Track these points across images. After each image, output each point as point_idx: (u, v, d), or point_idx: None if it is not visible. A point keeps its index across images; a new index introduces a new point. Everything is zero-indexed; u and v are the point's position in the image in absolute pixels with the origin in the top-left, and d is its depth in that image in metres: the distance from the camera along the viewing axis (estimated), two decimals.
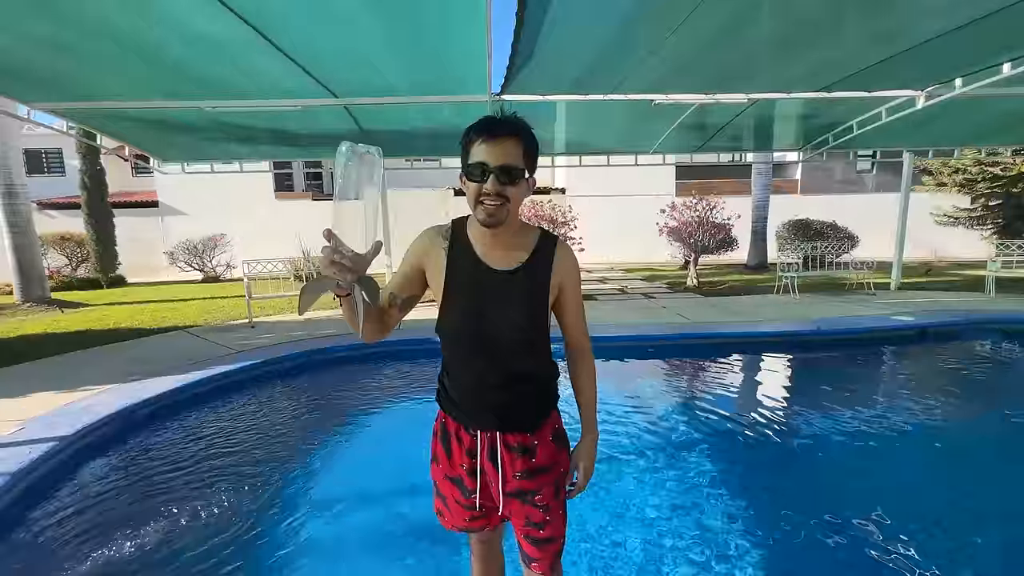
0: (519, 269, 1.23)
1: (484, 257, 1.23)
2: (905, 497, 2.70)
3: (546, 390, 1.33)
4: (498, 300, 1.21)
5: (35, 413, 3.51)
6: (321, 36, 3.43)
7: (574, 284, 1.29)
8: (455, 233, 1.27)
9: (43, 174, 18.91)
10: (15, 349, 5.59)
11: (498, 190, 1.12)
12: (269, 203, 16.01)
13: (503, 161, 1.11)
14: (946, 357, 5.33)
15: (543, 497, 1.30)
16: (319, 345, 5.36)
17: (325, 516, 2.56)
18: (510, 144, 1.12)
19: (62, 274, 12.65)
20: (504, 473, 1.28)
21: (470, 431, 1.29)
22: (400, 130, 6.23)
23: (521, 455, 1.28)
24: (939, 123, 6.55)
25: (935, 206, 14.49)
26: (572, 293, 1.30)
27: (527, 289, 1.23)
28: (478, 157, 1.12)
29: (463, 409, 1.29)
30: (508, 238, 1.23)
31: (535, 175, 1.22)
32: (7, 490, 2.55)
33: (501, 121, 1.14)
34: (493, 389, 1.25)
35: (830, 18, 3.51)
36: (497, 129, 1.12)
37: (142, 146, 6.72)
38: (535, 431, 1.29)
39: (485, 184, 1.11)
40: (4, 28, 3.13)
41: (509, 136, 1.12)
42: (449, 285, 1.24)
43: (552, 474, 1.31)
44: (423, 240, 1.30)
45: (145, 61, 3.72)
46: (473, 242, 1.25)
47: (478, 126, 1.14)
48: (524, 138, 1.14)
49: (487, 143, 1.11)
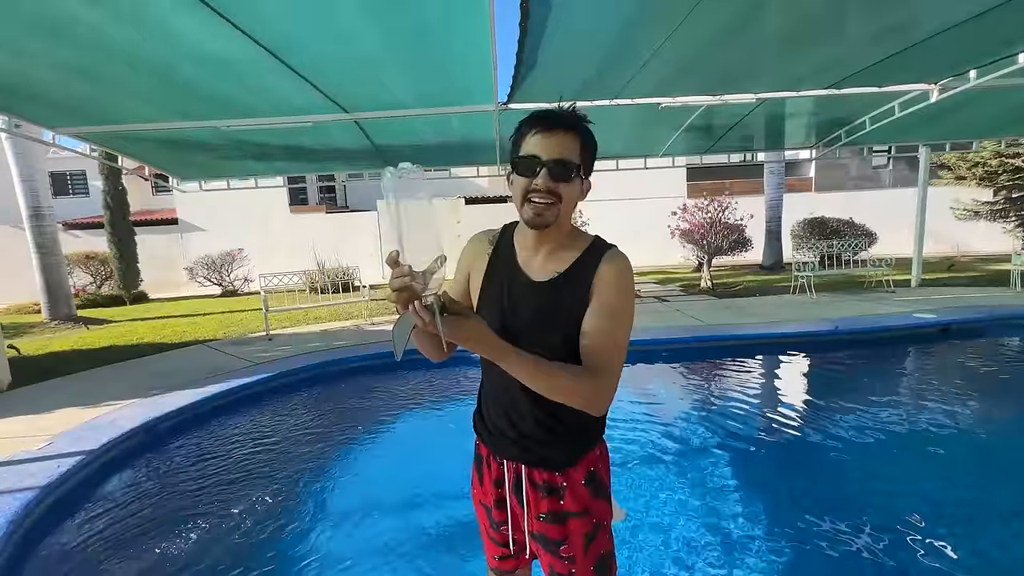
0: (555, 280, 1.08)
1: (524, 265, 1.12)
2: (934, 501, 2.64)
3: (581, 423, 1.12)
4: (529, 314, 1.08)
5: (63, 428, 3.61)
6: (327, 52, 3.51)
7: (607, 298, 1.04)
8: (501, 238, 1.18)
9: (68, 196, 19.53)
10: (44, 365, 5.76)
11: (549, 186, 1.00)
12: (284, 217, 16.31)
13: (558, 154, 1.00)
14: (971, 355, 5.19)
15: (569, 548, 1.15)
16: (335, 356, 5.43)
17: (345, 526, 2.59)
18: (567, 138, 1.01)
19: (87, 292, 13.02)
20: (528, 511, 1.17)
21: (496, 458, 1.20)
22: (411, 143, 6.31)
23: (547, 495, 1.14)
24: (954, 116, 6.41)
25: (954, 199, 14.17)
26: (595, 306, 1.04)
27: (561, 303, 1.06)
28: (530, 150, 1.01)
29: (492, 435, 1.19)
30: (555, 246, 1.10)
31: (591, 179, 1.09)
32: (38, 502, 2.63)
33: (559, 113, 1.03)
34: (519, 415, 1.13)
35: (835, 14, 3.48)
36: (554, 121, 1.01)
37: (161, 166, 6.90)
38: (564, 470, 1.14)
39: (536, 179, 1.00)
40: (33, 56, 3.26)
41: (567, 129, 1.01)
42: (483, 294, 1.15)
43: (582, 523, 1.14)
44: (470, 246, 1.22)
45: (159, 83, 3.85)
46: (517, 248, 1.14)
47: (532, 117, 1.03)
48: (583, 134, 1.03)
49: (542, 135, 1.01)
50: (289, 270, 8.30)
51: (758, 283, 10.28)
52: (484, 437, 1.24)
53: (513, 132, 1.07)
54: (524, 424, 1.13)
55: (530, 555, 1.25)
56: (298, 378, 4.99)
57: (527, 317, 1.09)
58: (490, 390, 1.20)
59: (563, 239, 1.10)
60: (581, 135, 1.03)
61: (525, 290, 1.10)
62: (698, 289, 9.78)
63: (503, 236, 1.19)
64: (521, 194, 1.03)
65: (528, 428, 1.13)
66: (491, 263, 1.16)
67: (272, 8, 2.83)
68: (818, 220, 11.83)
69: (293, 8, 2.84)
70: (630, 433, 3.46)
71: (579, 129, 1.03)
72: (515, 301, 1.10)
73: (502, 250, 1.16)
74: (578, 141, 1.03)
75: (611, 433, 3.40)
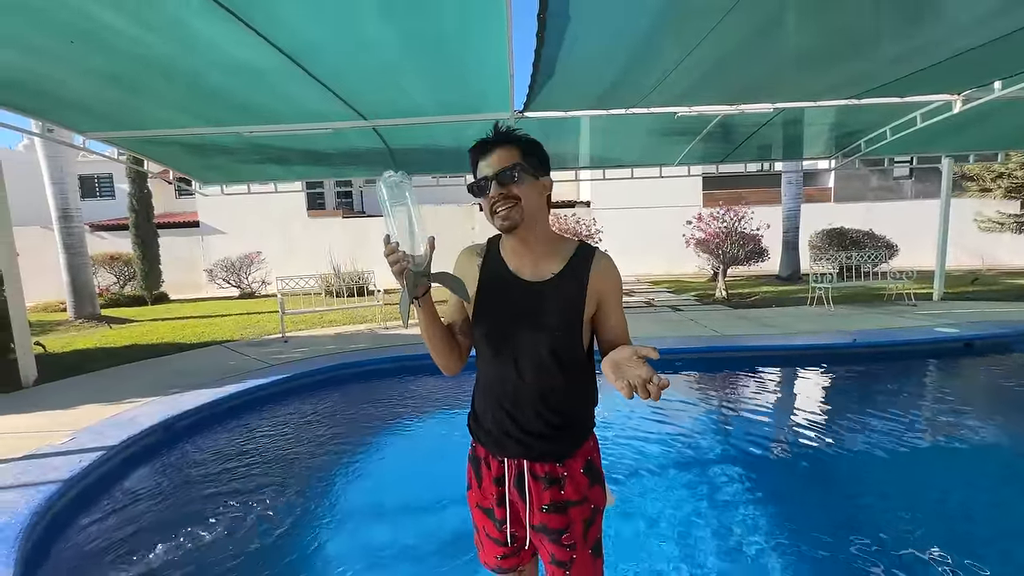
0: (551, 280, 1.17)
1: (517, 271, 1.20)
2: (957, 522, 2.57)
3: (580, 416, 1.24)
4: (529, 314, 1.16)
5: (85, 424, 3.71)
6: (350, 61, 3.59)
7: (614, 294, 1.19)
8: (489, 250, 1.27)
9: (95, 198, 20.12)
10: (68, 363, 5.92)
11: (502, 192, 1.11)
12: (302, 221, 16.59)
13: (499, 167, 1.12)
14: (997, 372, 5.06)
15: (570, 535, 1.21)
16: (349, 359, 5.50)
17: (355, 523, 2.62)
18: (504, 151, 1.13)
19: (111, 291, 13.36)
20: (531, 504, 1.21)
21: (497, 457, 1.24)
22: (427, 148, 6.39)
23: (548, 486, 1.20)
24: (978, 127, 6.29)
25: (978, 211, 13.86)
26: (612, 304, 1.19)
27: (560, 301, 1.16)
28: (481, 172, 1.15)
29: (492, 435, 1.24)
30: (542, 250, 1.19)
31: (550, 178, 1.20)
32: (61, 495, 2.71)
33: (491, 136, 1.16)
34: (523, 412, 1.19)
35: (863, 34, 3.44)
36: (488, 143, 1.15)
37: (184, 170, 7.09)
38: (564, 461, 1.21)
39: (490, 192, 1.12)
40: (68, 64, 3.40)
41: (500, 145, 1.14)
42: (479, 299, 1.21)
43: (581, 510, 1.21)
44: (460, 260, 1.30)
45: (187, 90, 3.97)
46: (506, 257, 1.23)
47: (473, 148, 1.17)
48: (517, 142, 1.15)
49: (483, 159, 1.14)
50: (306, 273, 8.43)
51: (774, 294, 10.14)
52: (481, 438, 1.27)
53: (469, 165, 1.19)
54: (526, 421, 1.19)
55: (530, 548, 1.29)
56: (314, 380, 5.06)
57: (528, 316, 1.17)
58: (488, 390, 1.25)
59: (549, 243, 1.20)
60: (516, 144, 1.15)
61: (522, 292, 1.19)
62: (713, 299, 9.68)
63: (490, 249, 1.27)
64: (488, 210, 1.14)
65: (530, 424, 1.19)
66: (483, 274, 1.23)
67: (297, 18, 2.92)
68: (837, 231, 11.66)
69: (317, 17, 2.92)
70: (648, 445, 3.44)
71: (512, 140, 1.15)
72: (514, 303, 1.19)
73: (491, 261, 1.24)
74: (516, 149, 1.14)
75: (625, 444, 3.38)
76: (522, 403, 1.19)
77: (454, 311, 1.29)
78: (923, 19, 3.26)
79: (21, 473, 2.90)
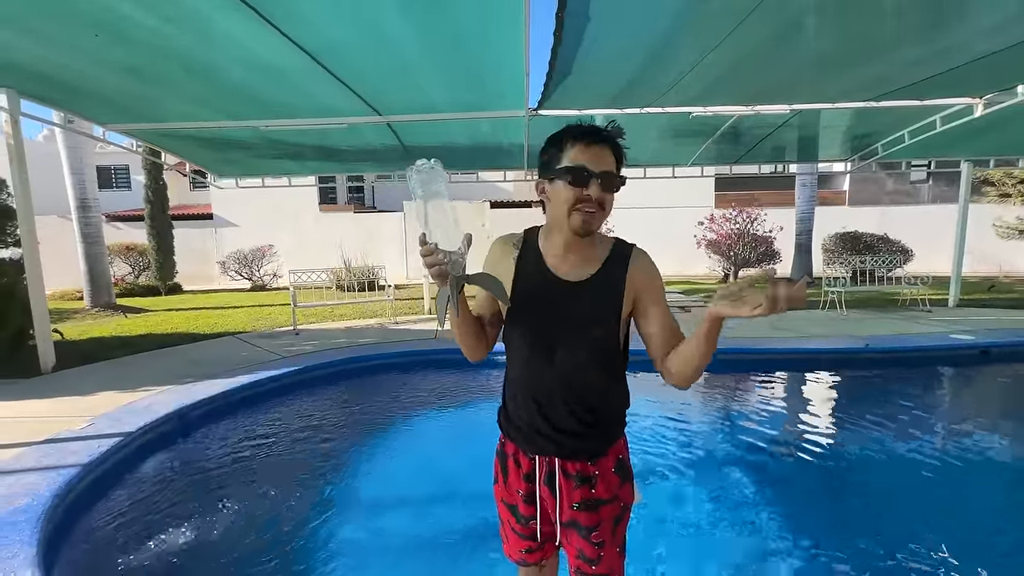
0: (591, 279, 1.15)
1: (555, 268, 1.16)
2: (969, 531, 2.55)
3: (614, 415, 1.23)
4: (567, 314, 1.14)
5: (103, 410, 3.78)
6: (369, 59, 3.62)
7: (653, 291, 1.17)
8: (526, 242, 1.22)
9: (112, 189, 20.42)
10: (85, 350, 6.03)
11: (600, 197, 1.06)
12: (314, 215, 16.70)
13: (606, 167, 1.06)
14: (1012, 380, 4.99)
15: (600, 533, 1.20)
16: (358, 353, 5.55)
17: (366, 513, 2.65)
18: (607, 152, 1.08)
19: (126, 281, 13.55)
20: (561, 501, 1.20)
21: (528, 455, 1.22)
22: (440, 145, 6.42)
23: (580, 484, 1.19)
24: (1000, 131, 6.20)
25: (997, 217, 13.62)
26: (652, 299, 1.17)
27: (598, 299, 1.14)
28: (578, 161, 1.06)
29: (523, 431, 1.21)
30: (583, 249, 1.16)
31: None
32: (81, 479, 2.77)
33: (599, 128, 1.09)
34: (556, 410, 1.17)
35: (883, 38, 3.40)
36: (597, 135, 1.07)
37: (200, 162, 7.19)
38: (597, 460, 1.20)
39: (588, 190, 1.06)
40: (89, 55, 3.46)
41: (609, 145, 1.08)
42: (516, 295, 1.18)
43: (611, 508, 1.21)
44: (494, 250, 1.25)
45: (207, 84, 4.02)
46: (544, 252, 1.18)
47: (576, 131, 1.08)
48: (620, 152, 1.11)
49: (588, 148, 1.06)
50: (317, 267, 8.51)
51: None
52: (511, 434, 1.25)
53: (548, 143, 1.12)
54: (559, 418, 1.17)
55: (558, 544, 1.28)
56: (326, 372, 5.11)
57: (566, 316, 1.15)
58: (520, 386, 1.22)
59: (590, 243, 1.16)
60: (620, 153, 1.11)
61: (561, 292, 1.15)
62: None
63: (527, 241, 1.23)
64: (569, 203, 1.07)
65: (563, 422, 1.17)
66: (519, 267, 1.19)
67: (320, 16, 2.95)
68: (851, 235, 11.53)
69: (340, 16, 2.95)
70: (661, 446, 3.45)
71: (617, 148, 1.10)
72: (551, 302, 1.16)
73: (528, 254, 1.20)
74: (615, 155, 1.09)
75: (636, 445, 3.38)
76: (555, 401, 1.17)
77: (484, 305, 1.26)
78: (944, 23, 3.23)
79: (43, 456, 2.97)
